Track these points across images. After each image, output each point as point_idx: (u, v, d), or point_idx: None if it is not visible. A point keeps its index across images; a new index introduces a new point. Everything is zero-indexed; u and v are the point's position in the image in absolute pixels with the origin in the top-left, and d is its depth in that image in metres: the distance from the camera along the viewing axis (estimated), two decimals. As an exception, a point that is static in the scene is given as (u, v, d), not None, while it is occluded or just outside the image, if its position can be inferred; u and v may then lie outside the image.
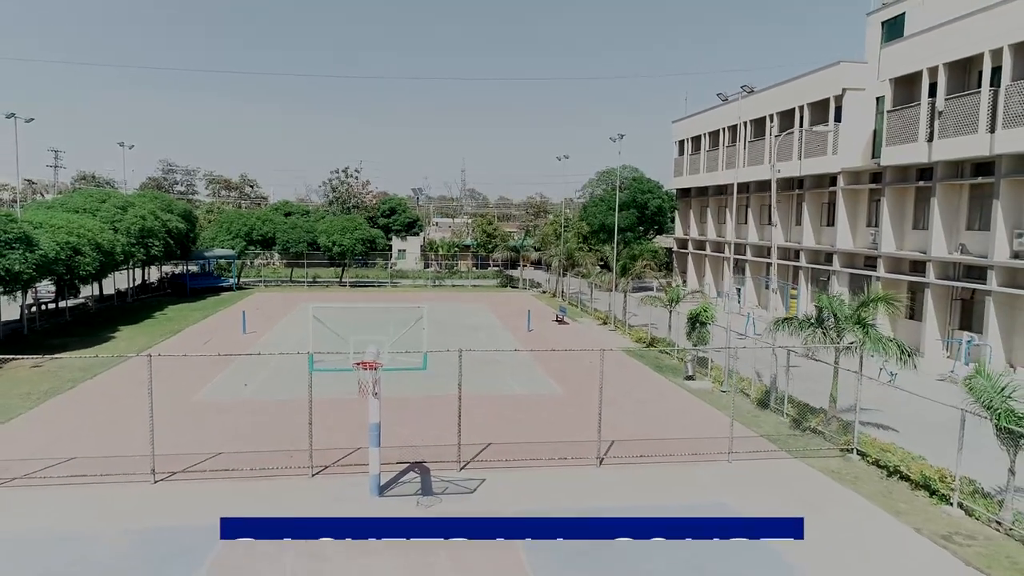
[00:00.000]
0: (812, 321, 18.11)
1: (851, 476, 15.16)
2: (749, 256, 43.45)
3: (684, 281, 51.37)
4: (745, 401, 21.19)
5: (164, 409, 18.02)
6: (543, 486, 14.29)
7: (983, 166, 26.20)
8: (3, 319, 29.79)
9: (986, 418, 12.70)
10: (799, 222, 38.61)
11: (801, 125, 36.79)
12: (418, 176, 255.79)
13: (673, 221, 57.84)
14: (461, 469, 14.96)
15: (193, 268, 49.86)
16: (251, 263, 58.06)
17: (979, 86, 25.25)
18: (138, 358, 19.26)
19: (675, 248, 55.73)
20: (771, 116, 39.74)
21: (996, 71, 24.49)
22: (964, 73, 26.47)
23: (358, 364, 11.93)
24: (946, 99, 26.48)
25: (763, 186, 42.32)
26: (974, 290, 26.68)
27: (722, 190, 47.05)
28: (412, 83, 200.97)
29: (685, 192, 53.42)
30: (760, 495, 14.08)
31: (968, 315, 27.41)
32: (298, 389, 18.69)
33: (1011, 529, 12.26)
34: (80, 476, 14.19)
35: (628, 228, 52.89)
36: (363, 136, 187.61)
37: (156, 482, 14.00)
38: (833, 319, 17.60)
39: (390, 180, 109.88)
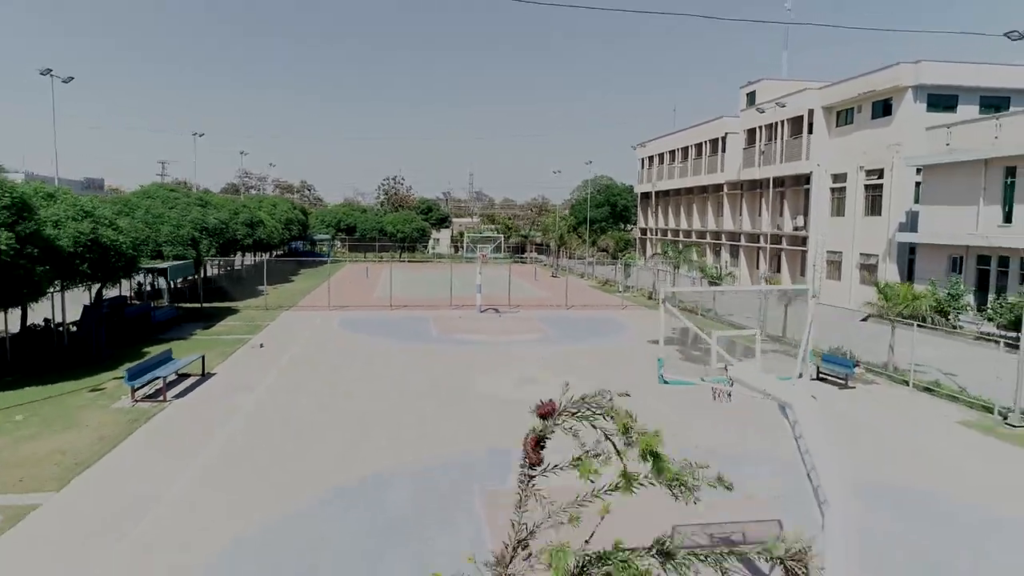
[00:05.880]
0: (662, 255, 39.91)
1: (669, 312, 36.94)
2: (681, 239, 65.14)
3: (645, 256, 73.05)
4: (645, 299, 42.95)
5: (364, 295, 39.72)
6: (544, 312, 35.98)
7: (779, 180, 47.85)
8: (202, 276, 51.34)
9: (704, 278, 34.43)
10: (704, 214, 60.40)
11: (707, 153, 58.58)
12: (443, 181, 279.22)
13: (636, 216, 79.54)
14: (511, 308, 36.67)
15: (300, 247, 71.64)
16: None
17: (773, 140, 47.12)
18: (351, 266, 40.99)
19: (638, 236, 77.45)
20: (693, 146, 61.59)
21: (780, 133, 46.18)
22: (772, 129, 48.00)
23: (480, 255, 33.86)
24: (764, 144, 48.21)
25: (691, 191, 64.01)
26: (780, 249, 48.27)
27: (668, 194, 68.71)
28: (432, 103, 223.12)
29: (645, 195, 75.10)
30: (629, 317, 35.73)
31: (778, 263, 49.06)
32: (415, 297, 40.37)
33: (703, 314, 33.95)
34: (347, 306, 35.98)
35: (603, 220, 74.70)
36: (396, 149, 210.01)
37: (392, 309, 35.72)
38: (673, 254, 39.36)
39: (420, 184, 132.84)
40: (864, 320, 34.00)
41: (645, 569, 2.56)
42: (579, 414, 2.52)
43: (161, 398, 18.10)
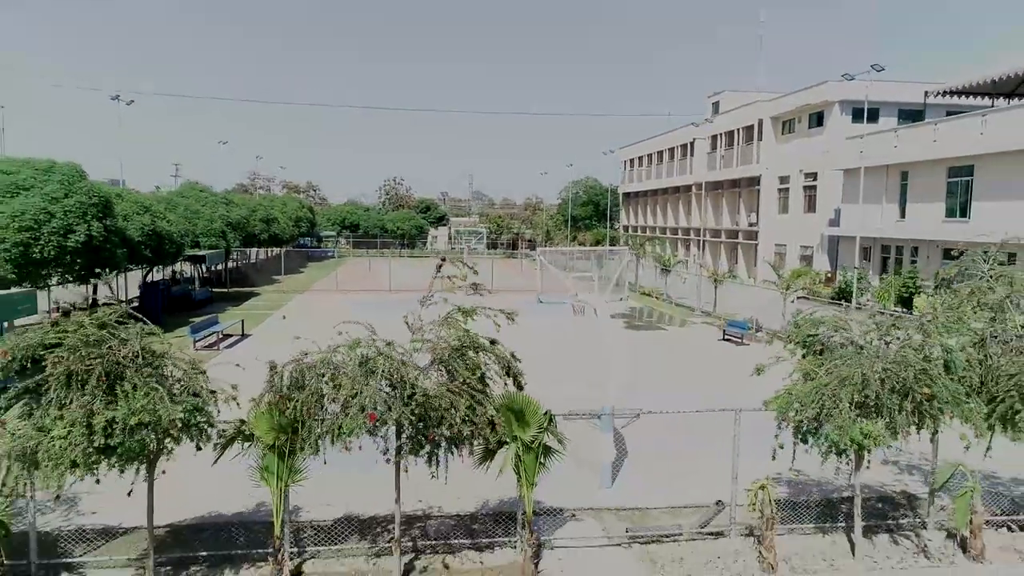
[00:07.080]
0: (633, 247, 45.75)
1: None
2: (658, 235, 71.03)
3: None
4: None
5: (366, 283, 45.63)
6: (517, 296, 41.84)
7: (736, 182, 53.68)
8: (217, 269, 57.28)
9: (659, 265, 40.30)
10: (677, 212, 66.30)
11: (678, 157, 64.48)
12: (442, 180, 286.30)
13: (618, 214, 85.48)
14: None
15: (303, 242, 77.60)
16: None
17: (731, 146, 52.99)
18: (353, 260, 46.98)
19: (621, 232, 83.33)
20: (667, 150, 67.48)
21: (737, 140, 52.03)
22: (730, 136, 53.83)
23: (467, 244, 39.78)
24: (724, 149, 54.06)
25: (666, 191, 69.90)
26: (737, 244, 54.09)
27: (646, 194, 74.60)
28: (433, 105, 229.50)
29: (628, 195, 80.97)
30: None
31: (736, 256, 54.91)
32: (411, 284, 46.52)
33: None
34: (352, 291, 41.87)
35: (587, 218, 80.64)
36: (395, 149, 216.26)
37: (392, 292, 41.62)
38: (634, 247, 45.17)
39: (420, 183, 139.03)
40: (793, 301, 39.83)
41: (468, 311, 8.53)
42: (453, 261, 8.48)
43: (216, 348, 24.04)
